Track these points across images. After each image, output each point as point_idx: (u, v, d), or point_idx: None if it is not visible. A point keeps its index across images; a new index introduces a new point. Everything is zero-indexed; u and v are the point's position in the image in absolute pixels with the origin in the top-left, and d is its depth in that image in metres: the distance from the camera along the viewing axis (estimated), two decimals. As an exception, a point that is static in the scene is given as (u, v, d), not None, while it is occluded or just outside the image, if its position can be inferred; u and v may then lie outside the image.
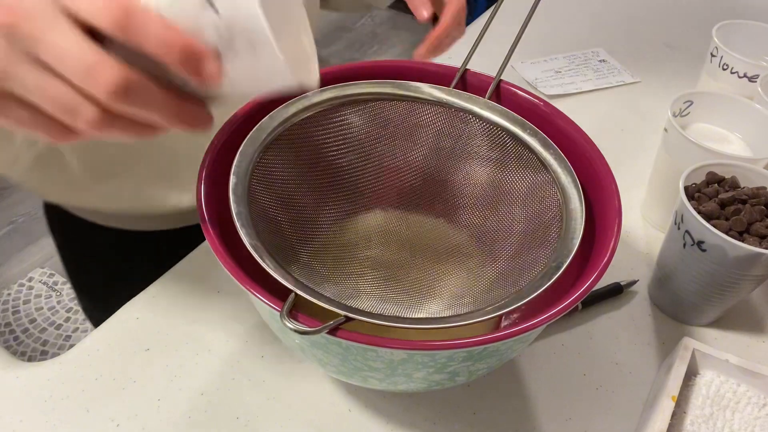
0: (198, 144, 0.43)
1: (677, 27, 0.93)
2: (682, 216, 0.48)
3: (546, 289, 0.36)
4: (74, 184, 0.59)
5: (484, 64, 0.51)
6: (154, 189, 0.59)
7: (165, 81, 0.30)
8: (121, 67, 0.27)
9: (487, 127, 0.47)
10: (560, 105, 0.48)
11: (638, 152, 0.70)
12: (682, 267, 0.49)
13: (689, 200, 0.48)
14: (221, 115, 0.54)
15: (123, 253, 0.55)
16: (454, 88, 0.48)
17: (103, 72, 0.27)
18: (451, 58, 0.81)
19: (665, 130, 0.57)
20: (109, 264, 0.54)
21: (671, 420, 0.42)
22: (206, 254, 0.55)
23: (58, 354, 0.48)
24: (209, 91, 0.32)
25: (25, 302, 1.53)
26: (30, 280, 1.57)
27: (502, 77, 0.49)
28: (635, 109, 0.77)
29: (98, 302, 0.69)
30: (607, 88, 0.80)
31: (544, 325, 0.35)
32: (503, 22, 0.56)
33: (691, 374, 0.46)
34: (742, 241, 0.46)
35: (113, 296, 0.54)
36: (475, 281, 0.42)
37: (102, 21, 0.27)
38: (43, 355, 1.41)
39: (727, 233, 0.46)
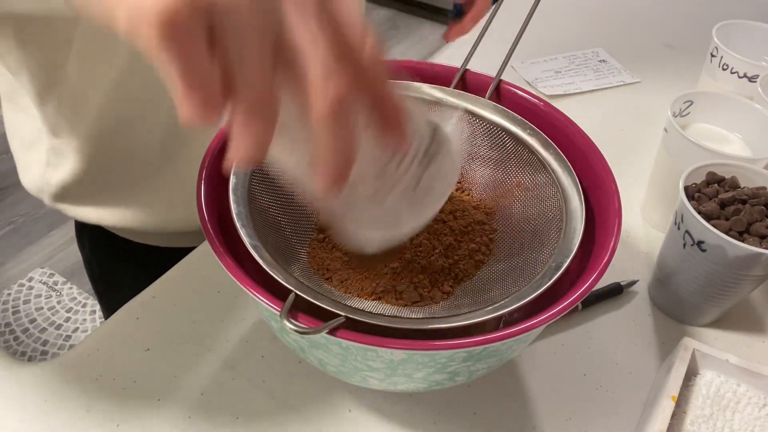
0: None
1: (677, 27, 0.93)
2: (682, 216, 0.48)
3: (546, 289, 0.36)
4: (103, 202, 0.59)
5: (484, 64, 0.51)
6: (184, 206, 0.60)
7: None
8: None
9: (487, 127, 0.47)
10: (560, 105, 0.48)
11: (638, 152, 0.70)
12: (682, 267, 0.49)
13: (689, 200, 0.48)
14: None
15: (156, 270, 0.56)
16: (454, 88, 0.48)
17: (343, 74, 0.24)
18: (452, 58, 0.81)
19: (665, 130, 0.57)
20: (140, 280, 0.55)
21: (671, 420, 0.42)
22: (206, 254, 0.55)
23: (58, 354, 0.48)
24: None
25: (25, 302, 1.53)
26: (30, 280, 1.57)
27: (502, 77, 0.49)
28: (635, 109, 0.77)
29: None
30: (607, 88, 0.80)
31: (544, 325, 0.35)
32: (503, 22, 0.56)
33: (691, 374, 0.46)
34: (742, 241, 0.46)
35: None
36: (475, 281, 0.42)
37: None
38: (43, 355, 1.41)
39: (727, 233, 0.46)
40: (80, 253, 0.72)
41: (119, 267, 0.69)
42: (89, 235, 0.68)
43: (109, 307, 0.73)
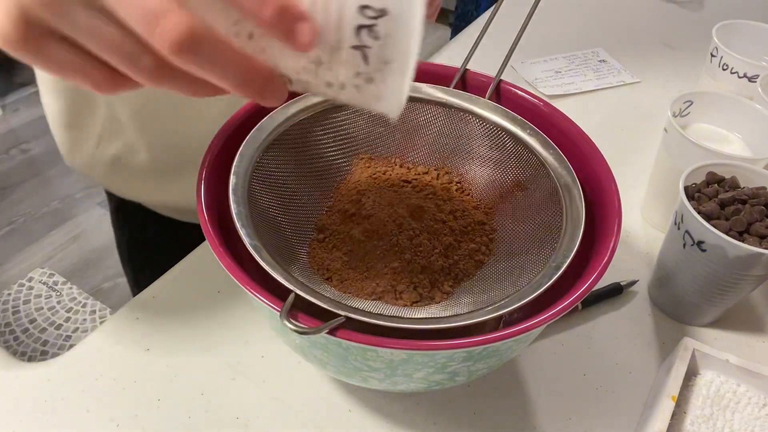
0: None
1: (677, 27, 0.93)
2: (682, 216, 0.48)
3: (546, 289, 0.36)
4: (149, 181, 0.61)
5: (484, 64, 0.51)
6: None
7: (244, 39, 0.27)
8: (189, 17, 0.24)
9: (487, 128, 0.47)
10: (560, 105, 0.48)
11: (638, 152, 0.70)
12: (682, 267, 0.49)
13: (689, 200, 0.48)
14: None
15: (193, 248, 0.57)
16: (454, 88, 0.48)
17: (167, 21, 0.23)
18: (451, 58, 0.81)
19: (665, 130, 0.57)
20: (178, 258, 0.57)
21: (671, 420, 0.42)
22: (206, 254, 0.55)
23: (58, 354, 0.48)
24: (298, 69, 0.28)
25: (25, 302, 1.53)
26: (30, 280, 1.57)
27: (502, 77, 0.49)
28: (635, 109, 0.77)
29: None
30: (607, 88, 0.80)
31: (544, 325, 0.35)
32: (503, 22, 0.56)
33: (691, 374, 0.46)
34: (742, 241, 0.46)
35: None
36: (475, 281, 0.42)
37: None
38: (43, 355, 1.41)
39: (727, 233, 0.46)
40: (114, 232, 0.73)
41: (158, 244, 0.70)
42: (131, 213, 0.69)
43: (142, 287, 0.75)
